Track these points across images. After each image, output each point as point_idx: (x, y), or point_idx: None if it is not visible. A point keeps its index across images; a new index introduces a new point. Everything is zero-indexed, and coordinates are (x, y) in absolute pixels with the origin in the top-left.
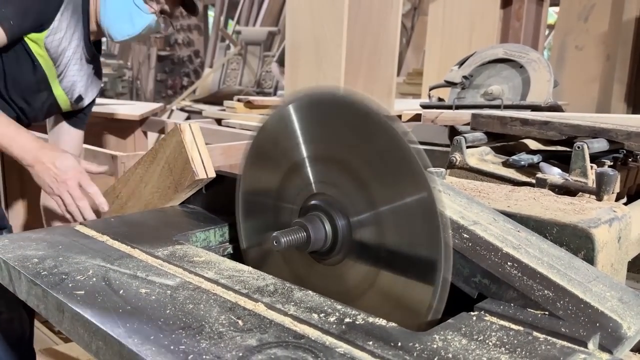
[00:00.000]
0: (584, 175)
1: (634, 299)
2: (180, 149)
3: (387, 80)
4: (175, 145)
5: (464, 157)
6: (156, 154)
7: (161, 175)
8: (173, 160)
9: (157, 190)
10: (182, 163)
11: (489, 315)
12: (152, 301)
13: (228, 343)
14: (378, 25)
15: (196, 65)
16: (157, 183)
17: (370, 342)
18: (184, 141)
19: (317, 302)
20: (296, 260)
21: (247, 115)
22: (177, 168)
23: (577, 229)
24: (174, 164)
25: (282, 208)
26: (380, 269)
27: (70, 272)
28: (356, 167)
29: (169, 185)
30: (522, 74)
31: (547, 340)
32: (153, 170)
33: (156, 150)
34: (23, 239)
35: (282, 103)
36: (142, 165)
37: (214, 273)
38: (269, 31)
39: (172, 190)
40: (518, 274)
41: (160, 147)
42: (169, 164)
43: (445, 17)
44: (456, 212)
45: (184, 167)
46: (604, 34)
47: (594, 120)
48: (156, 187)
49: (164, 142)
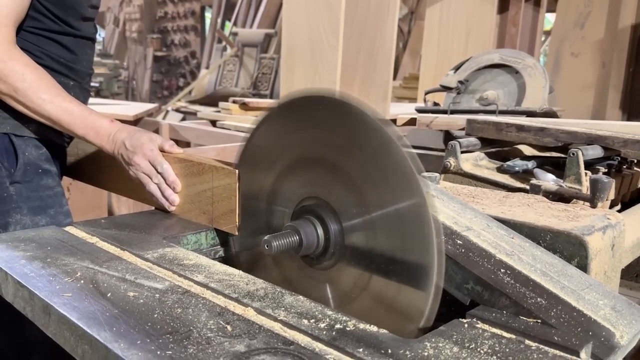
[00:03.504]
0: (578, 182)
1: (627, 307)
2: (229, 194)
3: (382, 84)
4: (226, 185)
5: (458, 162)
6: (202, 172)
7: (201, 197)
8: (219, 196)
9: (191, 202)
10: (226, 207)
11: (481, 323)
12: (140, 305)
13: (216, 349)
14: (374, 29)
15: (192, 67)
16: (194, 197)
17: (360, 349)
18: (237, 189)
19: (308, 307)
20: (288, 264)
21: (242, 117)
22: (220, 207)
23: (571, 236)
24: (219, 201)
25: (274, 211)
26: (373, 274)
27: (57, 274)
28: (349, 171)
29: (204, 212)
30: (518, 79)
31: (539, 349)
32: (195, 182)
33: (204, 169)
34: (12, 240)
35: (276, 105)
36: (183, 166)
37: (203, 277)
38: (265, 33)
39: (204, 218)
40: (511, 281)
41: (210, 172)
42: (214, 195)
43: (441, 21)
44: (449, 217)
45: (228, 213)
46: (600, 41)
47: (589, 126)
48: (191, 200)
49: (216, 171)
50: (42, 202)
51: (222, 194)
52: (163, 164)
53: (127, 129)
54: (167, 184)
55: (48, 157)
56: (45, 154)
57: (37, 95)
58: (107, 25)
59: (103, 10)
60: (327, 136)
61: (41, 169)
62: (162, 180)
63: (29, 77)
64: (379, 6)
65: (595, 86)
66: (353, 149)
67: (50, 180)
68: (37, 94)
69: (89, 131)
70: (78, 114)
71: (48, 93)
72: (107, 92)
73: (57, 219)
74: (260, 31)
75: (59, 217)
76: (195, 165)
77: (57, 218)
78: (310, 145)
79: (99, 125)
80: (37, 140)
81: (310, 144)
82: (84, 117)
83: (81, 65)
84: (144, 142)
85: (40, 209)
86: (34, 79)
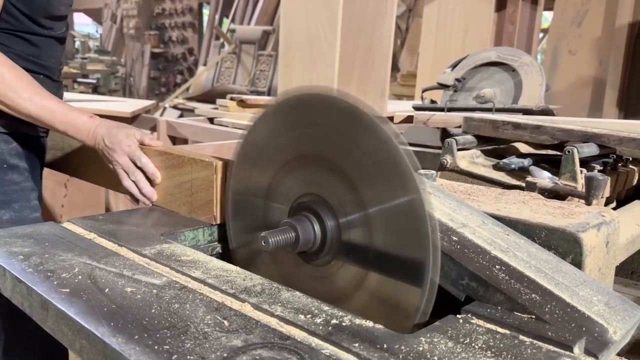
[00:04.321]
0: (573, 180)
1: (620, 303)
2: (208, 185)
3: (380, 81)
4: (204, 177)
5: (454, 160)
6: (182, 164)
7: (181, 189)
8: (198, 187)
9: (171, 194)
10: (205, 198)
11: (475, 318)
12: (138, 300)
13: (213, 343)
14: (372, 26)
15: (190, 63)
16: (174, 189)
17: (356, 344)
18: (215, 181)
19: (304, 303)
20: (285, 260)
21: (239, 114)
22: (199, 198)
23: (566, 233)
24: (198, 192)
25: (271, 208)
26: (369, 271)
27: (55, 270)
28: (346, 168)
29: (184, 202)
30: (515, 77)
31: (533, 344)
32: (174, 174)
33: (183, 161)
34: (9, 235)
35: (274, 102)
36: (163, 159)
37: (201, 272)
38: (263, 30)
39: (184, 209)
40: (506, 277)
41: (189, 164)
42: (193, 187)
43: (439, 19)
44: (445, 214)
45: (206, 204)
46: (597, 39)
47: (585, 124)
48: (171, 192)
49: (195, 163)
50: (6, 196)
51: (200, 186)
52: (142, 158)
53: (106, 125)
54: (147, 177)
55: (19, 151)
56: (16, 148)
57: (18, 94)
58: (105, 22)
59: (100, 6)
60: (325, 133)
61: (7, 164)
62: (141, 175)
63: (7, 76)
64: (377, 3)
65: (592, 84)
66: (350, 146)
67: (16, 176)
68: (18, 94)
69: (69, 127)
70: (58, 111)
71: (28, 92)
72: (105, 88)
73: (23, 214)
74: (258, 28)
75: (24, 212)
76: (175, 158)
77: (22, 212)
78: (308, 142)
79: (79, 121)
80: (6, 134)
81: (308, 141)
82: (64, 114)
83: (50, 62)
84: (122, 139)
85: (4, 203)
86: (13, 78)
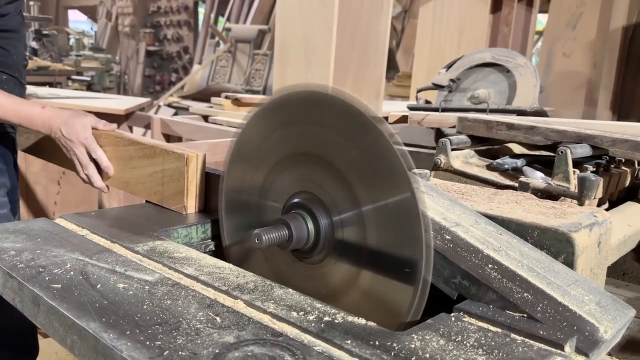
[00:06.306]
0: (566, 180)
1: (611, 303)
2: (179, 176)
3: (375, 81)
4: (175, 168)
5: (448, 160)
6: (154, 155)
7: (153, 178)
8: (169, 178)
9: (143, 183)
10: (176, 188)
11: (467, 317)
12: (130, 296)
13: (205, 339)
14: (368, 27)
15: (185, 62)
16: (146, 179)
17: (348, 341)
18: (186, 172)
19: (297, 300)
20: (278, 258)
21: (234, 112)
22: (170, 188)
23: (558, 233)
24: (169, 182)
25: (265, 206)
26: (362, 269)
27: (47, 265)
28: (340, 167)
29: (155, 192)
30: (509, 78)
31: (524, 342)
32: (147, 164)
33: (155, 152)
34: (1, 231)
35: (269, 100)
36: (137, 148)
37: (193, 269)
38: (259, 29)
39: (156, 198)
40: (498, 276)
41: (161, 155)
42: (164, 177)
43: (435, 20)
44: (438, 213)
45: (177, 194)
46: (592, 42)
47: (579, 125)
48: (143, 181)
49: (167, 154)
50: None
51: (171, 176)
52: (97, 150)
53: (61, 115)
54: (101, 169)
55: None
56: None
57: None
58: (100, 19)
59: (95, 3)
60: (320, 132)
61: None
62: (94, 169)
63: None
64: (373, 4)
65: (586, 86)
66: (345, 145)
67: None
68: None
69: (23, 120)
70: (9, 105)
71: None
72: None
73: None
74: (253, 27)
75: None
76: (147, 148)
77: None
78: (302, 140)
79: (31, 113)
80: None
81: (302, 139)
82: (15, 108)
83: (11, 59)
84: (79, 130)
85: None
86: None
